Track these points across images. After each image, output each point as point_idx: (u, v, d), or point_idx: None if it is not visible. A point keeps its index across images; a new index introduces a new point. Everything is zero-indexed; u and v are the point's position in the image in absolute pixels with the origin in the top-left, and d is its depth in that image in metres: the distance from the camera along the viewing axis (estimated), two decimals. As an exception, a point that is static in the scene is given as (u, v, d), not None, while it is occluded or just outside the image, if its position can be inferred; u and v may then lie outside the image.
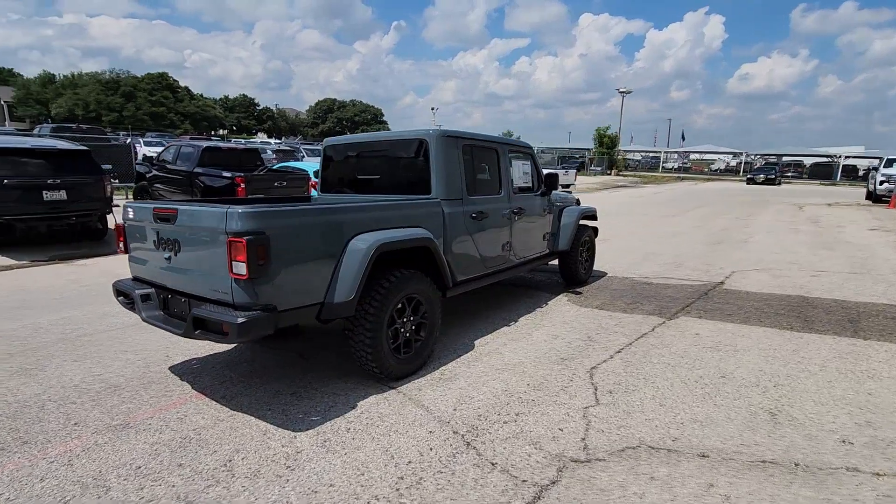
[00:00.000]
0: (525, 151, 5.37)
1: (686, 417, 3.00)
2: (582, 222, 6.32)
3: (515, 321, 4.92)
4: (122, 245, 3.53)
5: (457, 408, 3.15)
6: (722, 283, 6.48)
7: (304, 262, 2.92)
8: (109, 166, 16.65)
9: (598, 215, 6.81)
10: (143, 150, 29.20)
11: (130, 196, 14.49)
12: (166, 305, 3.19)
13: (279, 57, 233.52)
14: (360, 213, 3.32)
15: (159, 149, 29.51)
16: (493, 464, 2.55)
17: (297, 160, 20.84)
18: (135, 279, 3.51)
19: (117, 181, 16.03)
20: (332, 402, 3.24)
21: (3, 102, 57.78)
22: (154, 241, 3.17)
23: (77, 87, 53.71)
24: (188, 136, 35.01)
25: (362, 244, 3.15)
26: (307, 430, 2.89)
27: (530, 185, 5.38)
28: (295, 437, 2.81)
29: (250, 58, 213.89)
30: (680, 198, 22.20)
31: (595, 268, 7.25)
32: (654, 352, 4.08)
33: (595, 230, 6.77)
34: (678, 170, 57.89)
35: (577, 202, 6.77)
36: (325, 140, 5.02)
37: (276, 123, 78.60)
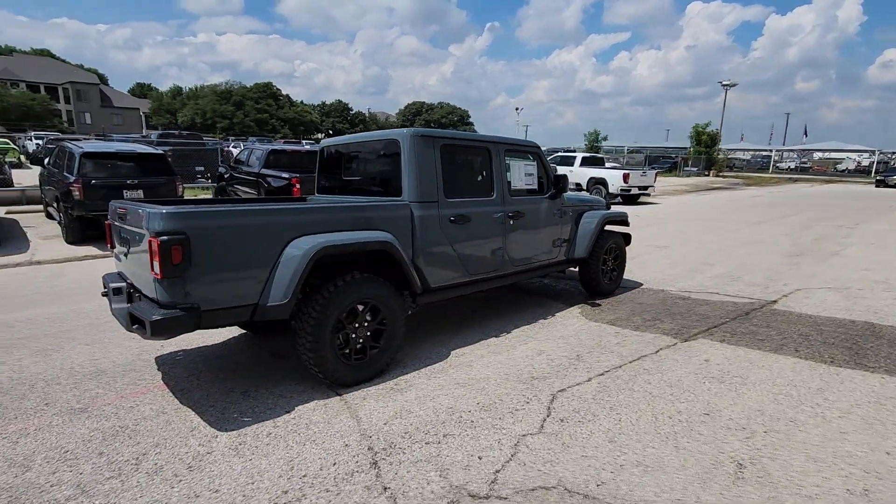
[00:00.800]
0: (529, 151, 5.04)
1: (631, 459, 2.59)
2: (608, 227, 5.81)
3: (508, 332, 4.62)
4: (109, 240, 3.83)
5: (389, 422, 3.00)
6: (775, 301, 5.59)
7: (233, 264, 2.94)
8: (202, 168, 18.54)
9: (628, 220, 6.21)
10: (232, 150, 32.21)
11: (209, 195, 15.83)
12: (131, 299, 3.40)
13: (378, 63, 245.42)
14: (303, 215, 3.29)
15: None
16: (385, 488, 2.38)
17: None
18: (118, 273, 3.79)
19: (209, 181, 17.78)
20: (273, 404, 3.25)
21: (141, 113, 66.77)
22: (118, 238, 3.40)
23: (199, 98, 60.42)
24: (282, 140, 37.95)
25: (299, 248, 3.11)
26: (232, 430, 2.91)
27: (536, 187, 5.03)
28: (216, 437, 2.85)
29: (351, 65, 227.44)
30: (782, 202, 19.75)
31: (633, 277, 6.68)
32: (641, 378, 3.60)
33: (626, 237, 6.19)
34: (794, 170, 51.66)
35: (607, 206, 6.23)
36: (321, 141, 5.09)
37: (368, 126, 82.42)
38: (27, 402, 3.27)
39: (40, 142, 27.98)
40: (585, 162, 21.19)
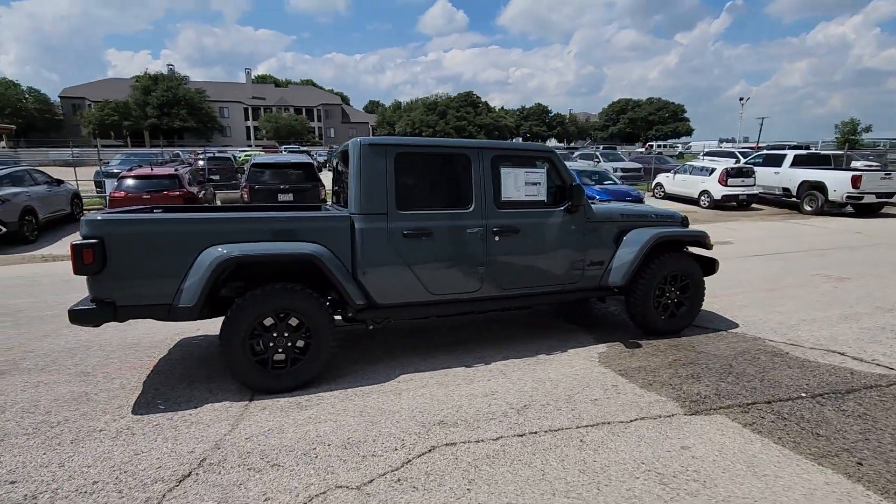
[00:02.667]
0: (536, 157, 4.29)
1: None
2: (681, 250, 4.58)
3: (487, 363, 4.06)
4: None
5: (252, 438, 2.97)
6: (926, 379, 3.61)
7: (148, 266, 3.27)
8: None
9: (710, 242, 4.77)
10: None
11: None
12: None
13: (592, 62, 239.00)
14: (219, 225, 3.45)
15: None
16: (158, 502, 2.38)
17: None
18: None
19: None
20: (195, 398, 3.50)
21: (370, 126, 78.48)
22: None
23: (412, 110, 68.02)
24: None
25: (209, 255, 3.29)
26: (138, 415, 3.26)
27: (542, 198, 4.27)
28: (122, 418, 3.23)
29: (565, 67, 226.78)
30: None
31: (740, 315, 5.17)
32: (561, 451, 2.76)
33: (709, 262, 4.79)
34: None
35: (683, 222, 4.92)
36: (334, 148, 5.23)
37: (566, 129, 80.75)
38: (49, 360, 4.20)
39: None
40: (799, 161, 16.90)
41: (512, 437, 2.92)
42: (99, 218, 3.24)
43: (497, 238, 4.05)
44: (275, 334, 3.52)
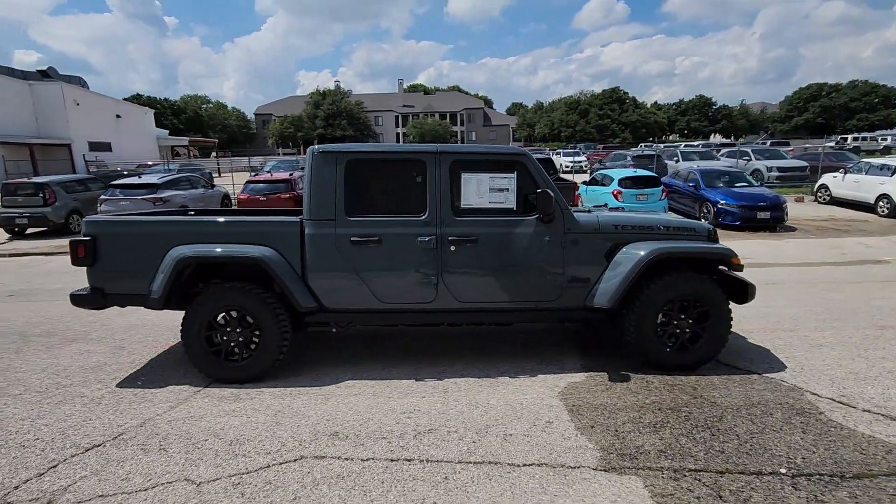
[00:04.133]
0: (505, 161, 3.91)
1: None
2: (677, 272, 3.83)
3: (438, 379, 3.87)
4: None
5: (159, 421, 3.27)
6: None
7: (129, 261, 3.82)
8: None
9: (740, 261, 3.85)
10: (563, 160, 33.88)
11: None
12: None
13: (783, 43, 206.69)
14: (186, 227, 3.86)
15: (577, 159, 33.34)
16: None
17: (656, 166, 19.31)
18: None
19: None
20: (172, 380, 3.98)
21: (510, 128, 78.80)
22: None
23: (552, 111, 66.49)
24: (601, 146, 37.68)
25: (172, 254, 3.72)
26: (117, 387, 3.84)
27: (511, 206, 3.88)
28: (105, 388, 3.83)
29: (745, 52, 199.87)
30: None
31: (802, 358, 4.18)
32: (405, 485, 2.51)
33: (740, 285, 3.91)
34: None
35: (710, 236, 4.06)
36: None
37: (734, 122, 70.91)
38: (78, 332, 5.11)
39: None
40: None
41: (383, 461, 2.75)
42: (94, 219, 3.90)
43: (453, 248, 3.82)
44: (227, 329, 3.83)
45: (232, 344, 3.84)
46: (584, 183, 15.67)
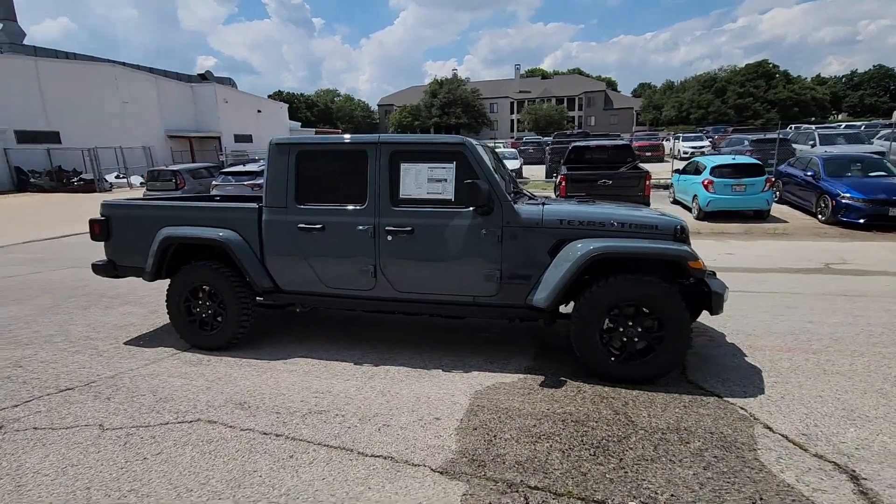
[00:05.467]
0: (444, 151, 3.79)
1: None
2: (627, 274, 3.44)
3: (374, 365, 3.97)
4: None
5: (125, 375, 3.84)
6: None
7: (130, 239, 4.49)
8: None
9: (699, 261, 3.32)
10: (682, 146, 30.79)
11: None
12: None
13: None
14: (171, 211, 4.40)
15: (697, 144, 30.19)
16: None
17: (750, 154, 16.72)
18: None
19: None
20: (166, 342, 4.63)
21: (634, 110, 73.30)
22: None
23: (683, 90, 60.31)
24: (731, 129, 33.26)
25: (159, 235, 4.30)
26: (124, 344, 4.58)
27: (450, 197, 3.77)
28: (113, 344, 4.59)
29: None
30: None
31: (780, 384, 3.64)
32: (249, 457, 2.66)
33: (704, 294, 3.40)
34: None
35: (677, 235, 3.57)
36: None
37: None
38: (149, 300, 6.02)
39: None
40: None
41: (256, 433, 2.96)
42: (108, 202, 4.64)
43: (389, 237, 3.86)
44: (201, 302, 4.33)
45: (204, 315, 4.35)
46: (677, 171, 14.18)
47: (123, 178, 25.04)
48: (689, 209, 12.58)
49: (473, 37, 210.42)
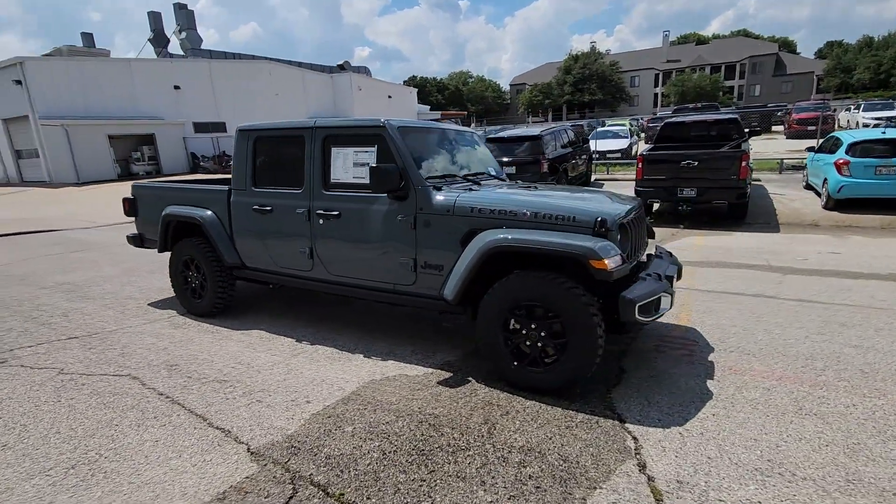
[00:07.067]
0: (366, 134, 3.66)
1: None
2: (526, 270, 3.06)
3: (299, 342, 4.12)
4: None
5: (122, 330, 4.54)
6: None
7: (150, 215, 5.23)
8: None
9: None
10: (862, 117, 25.18)
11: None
12: None
13: None
14: (173, 192, 4.98)
15: (886, 115, 24.50)
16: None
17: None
18: None
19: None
20: (179, 309, 5.35)
21: (815, 76, 61.25)
22: None
23: (886, 47, 48.64)
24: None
25: (162, 213, 4.95)
26: (148, 305, 5.40)
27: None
28: (139, 304, 5.44)
29: None
30: None
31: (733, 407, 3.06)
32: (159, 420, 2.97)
33: (613, 301, 2.89)
34: None
35: (596, 227, 3.05)
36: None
37: None
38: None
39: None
40: None
41: (153, 392, 3.31)
42: (136, 183, 5.44)
43: (321, 221, 3.92)
44: (191, 273, 4.90)
45: (194, 285, 4.91)
46: (811, 149, 11.64)
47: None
48: (820, 195, 10.32)
49: (627, 4, 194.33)
